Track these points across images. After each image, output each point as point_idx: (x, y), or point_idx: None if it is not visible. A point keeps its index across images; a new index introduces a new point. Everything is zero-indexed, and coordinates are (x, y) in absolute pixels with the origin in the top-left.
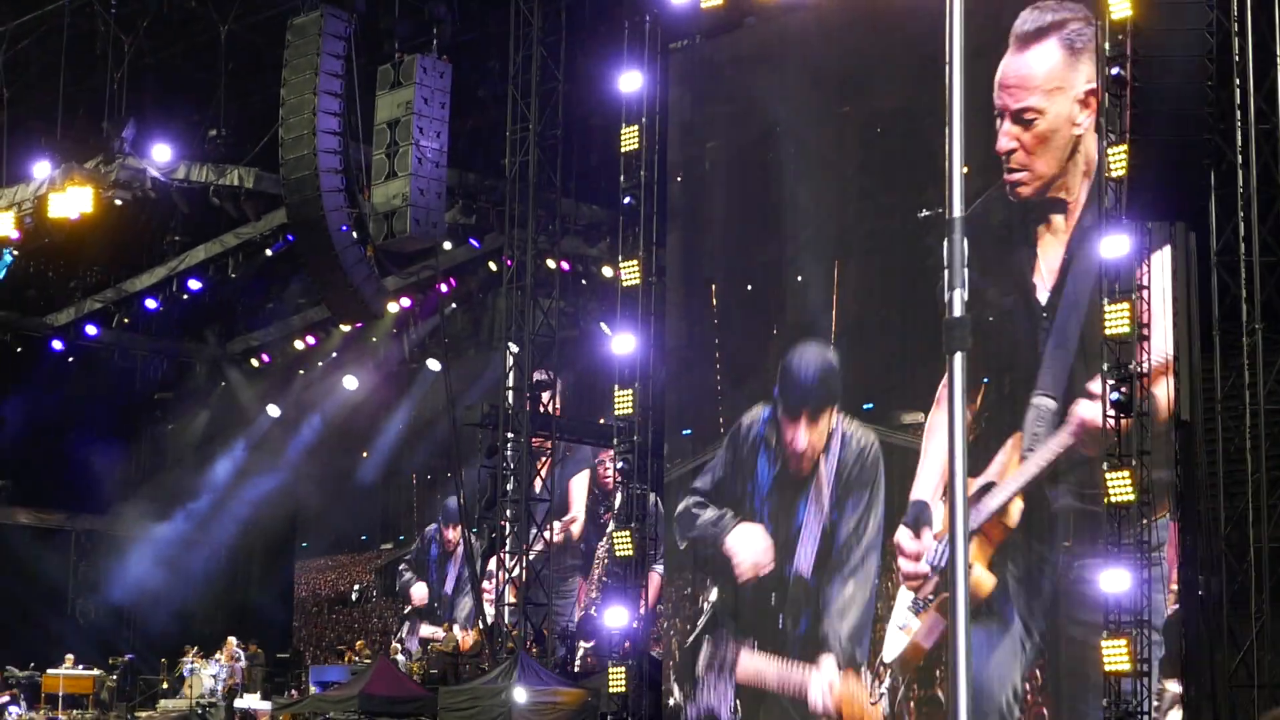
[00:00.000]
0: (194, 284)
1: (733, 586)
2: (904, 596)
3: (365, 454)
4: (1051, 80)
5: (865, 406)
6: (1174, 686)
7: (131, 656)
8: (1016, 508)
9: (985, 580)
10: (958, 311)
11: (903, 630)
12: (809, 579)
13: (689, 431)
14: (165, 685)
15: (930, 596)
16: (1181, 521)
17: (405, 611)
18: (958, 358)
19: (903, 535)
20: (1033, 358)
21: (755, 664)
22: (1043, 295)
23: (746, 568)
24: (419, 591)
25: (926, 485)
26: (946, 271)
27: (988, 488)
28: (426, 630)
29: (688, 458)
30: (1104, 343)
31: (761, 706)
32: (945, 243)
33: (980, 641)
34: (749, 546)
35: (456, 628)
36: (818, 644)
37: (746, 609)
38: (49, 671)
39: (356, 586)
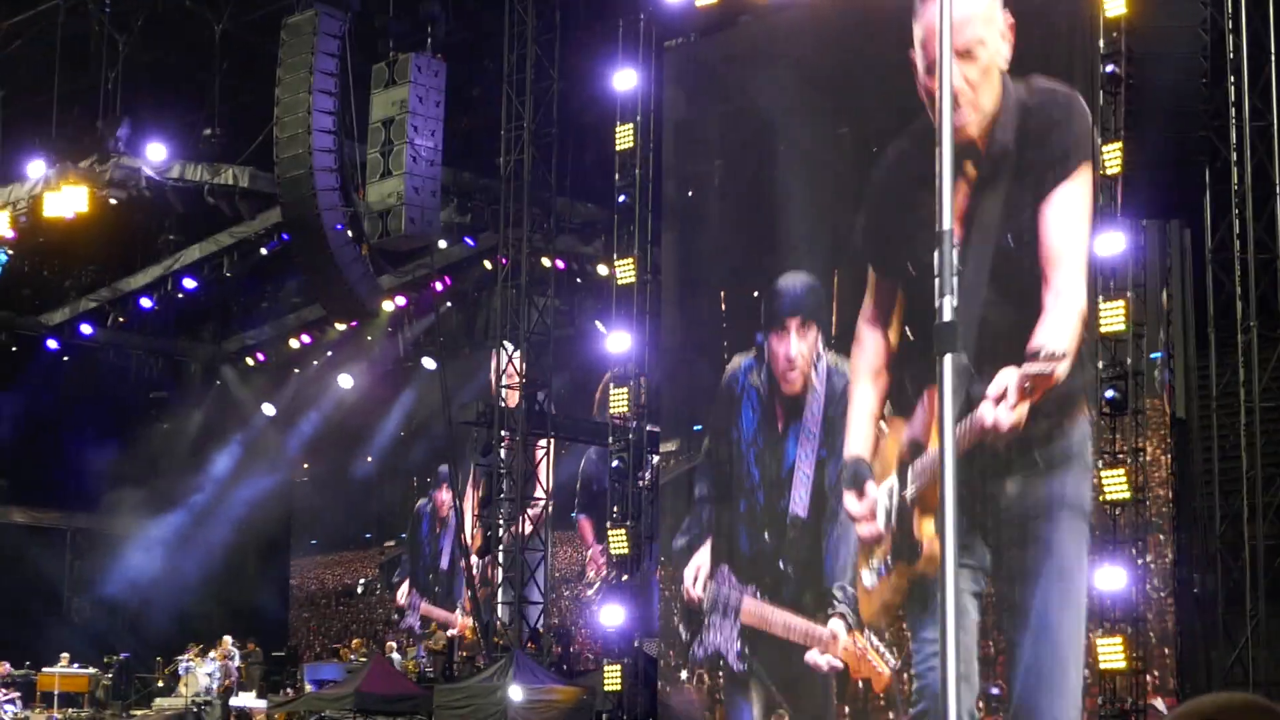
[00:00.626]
0: (189, 283)
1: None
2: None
3: (361, 452)
4: (987, 10)
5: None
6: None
7: (127, 655)
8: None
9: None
10: (947, 316)
11: (870, 592)
12: (805, 519)
13: (699, 427)
14: (161, 684)
15: (888, 559)
16: (1177, 519)
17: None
18: (947, 360)
19: (848, 500)
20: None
21: (759, 610)
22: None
23: None
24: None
25: (857, 438)
26: (936, 280)
27: (917, 450)
28: (428, 608)
29: (683, 456)
30: (1099, 341)
31: (768, 651)
32: (935, 253)
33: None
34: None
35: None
36: (819, 596)
37: (745, 552)
38: (44, 670)
39: (362, 580)
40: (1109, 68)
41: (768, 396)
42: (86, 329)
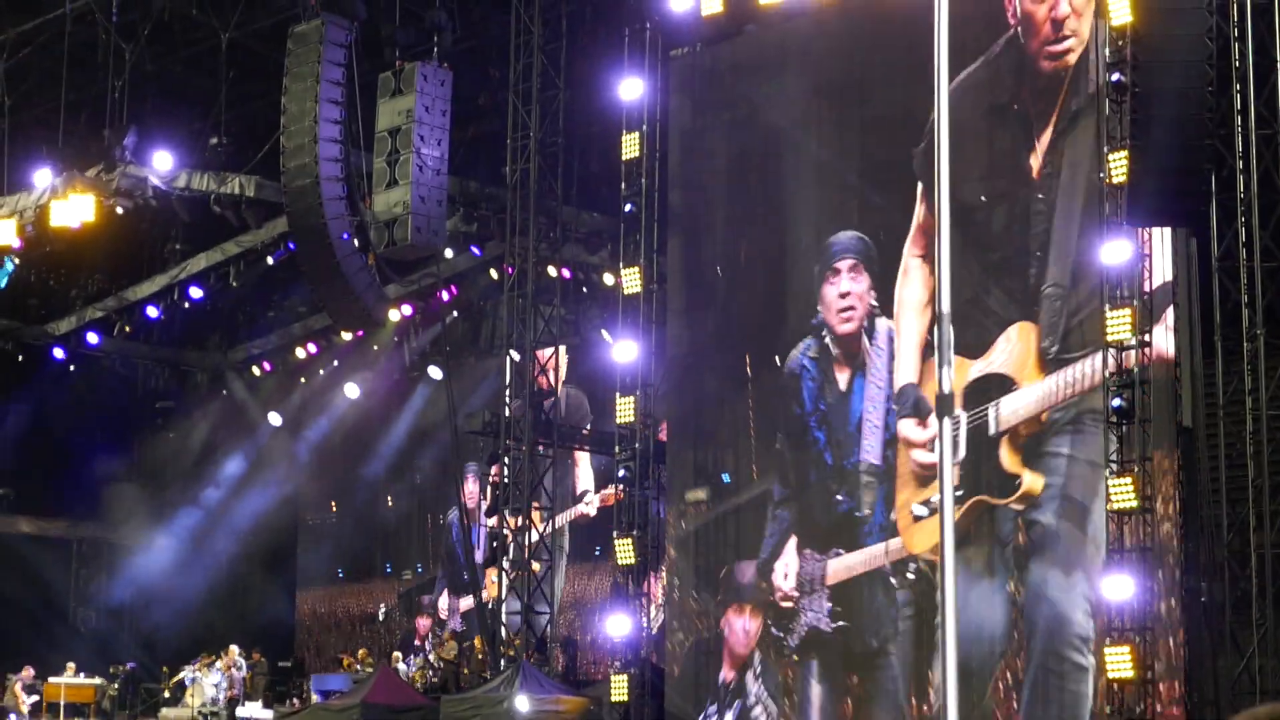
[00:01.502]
0: (195, 292)
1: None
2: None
3: (368, 461)
4: None
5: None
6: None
7: (133, 665)
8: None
9: (1034, 483)
10: (946, 389)
11: (918, 525)
12: (880, 466)
13: (728, 478)
14: (167, 694)
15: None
16: (1184, 527)
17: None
18: (946, 424)
19: (907, 427)
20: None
21: (843, 563)
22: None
23: None
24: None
25: (908, 368)
26: (936, 353)
27: (1004, 384)
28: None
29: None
30: (1106, 348)
31: (854, 597)
32: (935, 330)
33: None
34: None
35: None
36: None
37: (823, 524)
38: (50, 680)
39: (383, 606)
40: (1114, 76)
41: (826, 364)
42: (93, 338)
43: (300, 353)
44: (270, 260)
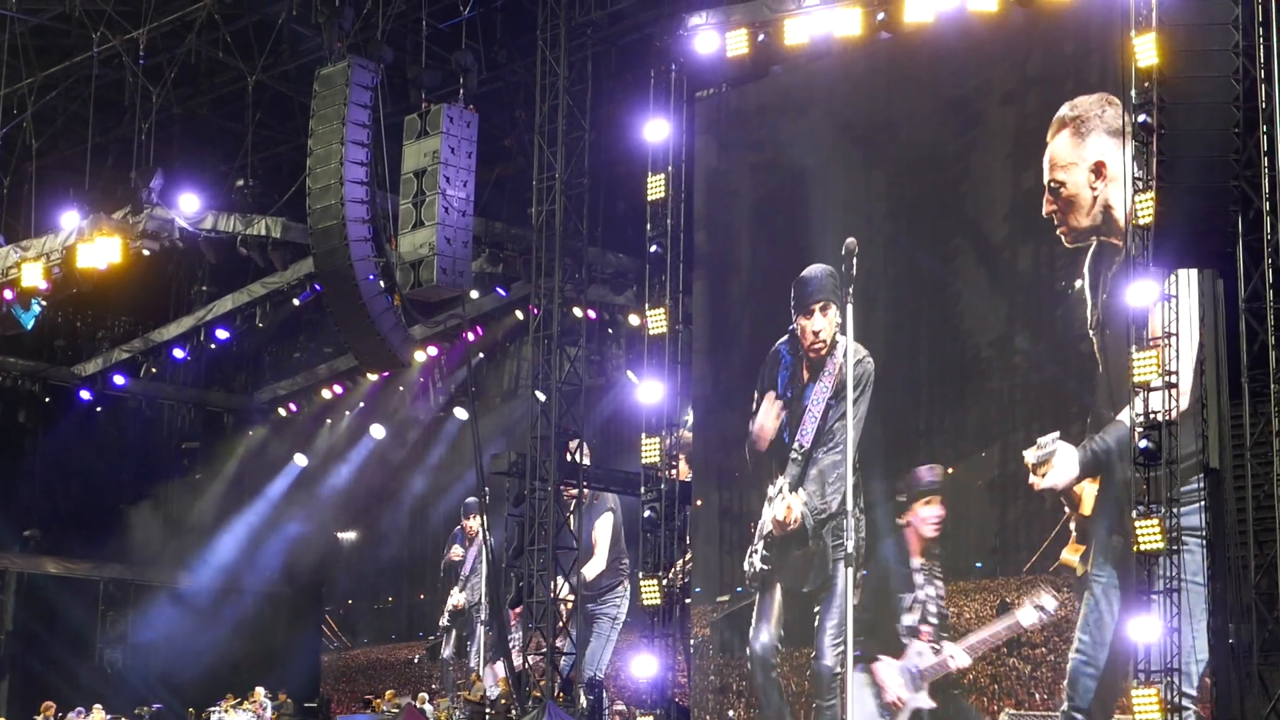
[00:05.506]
0: (221, 333)
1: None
2: None
3: (393, 501)
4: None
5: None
6: None
7: (159, 706)
8: None
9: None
10: None
11: None
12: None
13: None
14: None
15: None
16: (1211, 569)
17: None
18: None
19: None
20: None
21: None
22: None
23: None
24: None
25: None
26: None
27: None
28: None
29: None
30: (1132, 389)
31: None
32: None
33: None
34: None
35: (489, 676)
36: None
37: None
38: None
39: (416, 657)
40: (1141, 117)
41: (797, 360)
42: (119, 380)
43: (326, 394)
44: (296, 302)
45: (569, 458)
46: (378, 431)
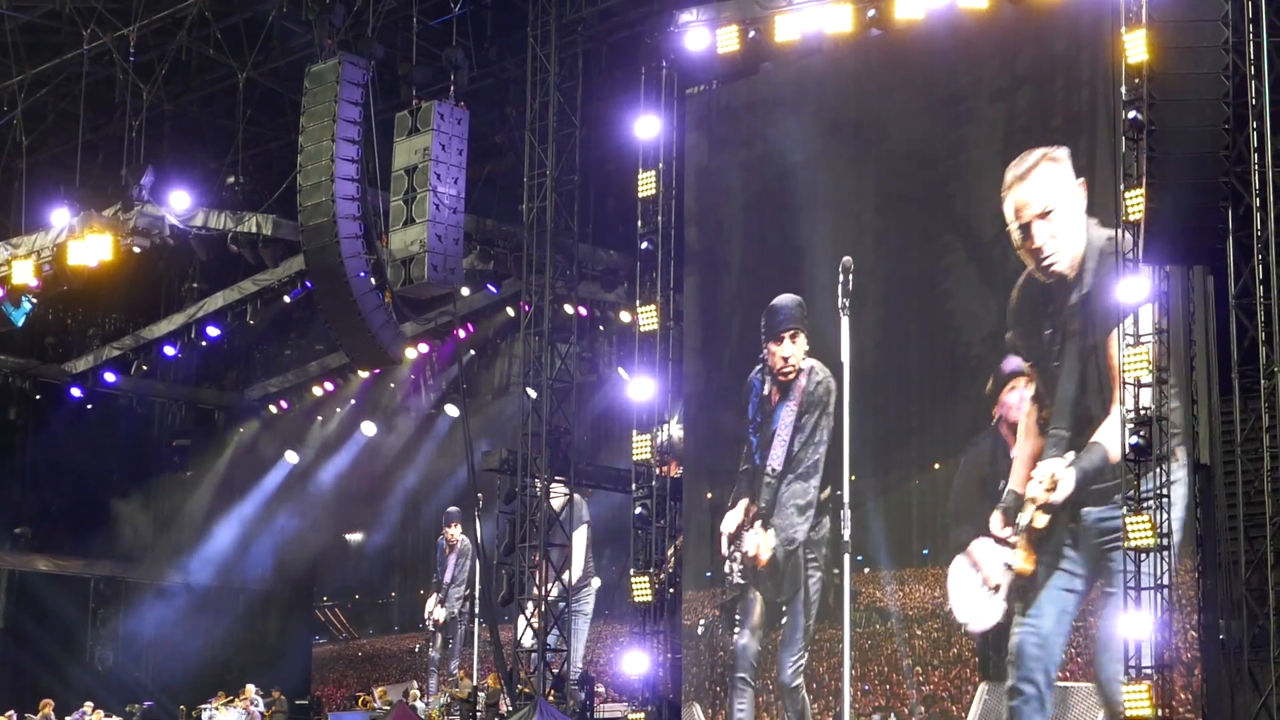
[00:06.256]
0: (212, 331)
1: None
2: None
3: (383, 498)
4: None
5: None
6: None
7: (150, 703)
8: None
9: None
10: None
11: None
12: (780, 470)
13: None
14: None
15: None
16: (1202, 565)
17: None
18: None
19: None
20: None
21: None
22: None
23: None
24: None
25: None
26: None
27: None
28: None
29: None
30: (1123, 386)
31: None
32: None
33: None
34: None
35: (480, 674)
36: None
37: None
38: (68, 719)
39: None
40: (1131, 114)
41: (767, 385)
42: (110, 377)
43: (317, 391)
44: (287, 299)
45: (560, 454)
46: (369, 428)
